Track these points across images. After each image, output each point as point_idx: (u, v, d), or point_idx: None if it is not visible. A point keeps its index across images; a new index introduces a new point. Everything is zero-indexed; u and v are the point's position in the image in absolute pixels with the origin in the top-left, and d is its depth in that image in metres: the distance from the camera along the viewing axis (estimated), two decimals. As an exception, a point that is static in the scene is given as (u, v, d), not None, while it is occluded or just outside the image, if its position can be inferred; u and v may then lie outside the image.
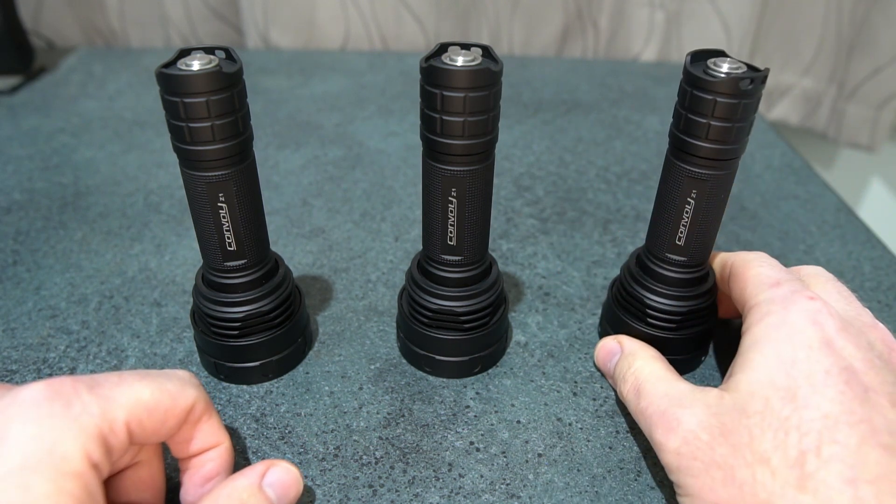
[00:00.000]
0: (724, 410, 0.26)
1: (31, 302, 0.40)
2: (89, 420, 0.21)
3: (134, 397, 0.23)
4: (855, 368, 0.25)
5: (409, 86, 0.73)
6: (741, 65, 0.28)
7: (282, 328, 0.34)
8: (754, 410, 0.25)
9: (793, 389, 0.24)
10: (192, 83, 0.26)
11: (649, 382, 0.30)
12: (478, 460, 0.31)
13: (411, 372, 0.36)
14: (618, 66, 0.81)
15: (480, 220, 0.31)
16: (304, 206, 0.51)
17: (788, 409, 0.24)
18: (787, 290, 0.28)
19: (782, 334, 0.26)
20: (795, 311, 0.27)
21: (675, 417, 0.27)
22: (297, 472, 0.26)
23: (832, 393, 0.24)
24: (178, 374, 0.25)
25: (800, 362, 0.25)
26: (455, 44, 0.28)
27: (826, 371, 0.24)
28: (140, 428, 0.23)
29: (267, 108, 0.67)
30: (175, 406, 0.24)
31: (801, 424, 0.23)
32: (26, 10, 0.80)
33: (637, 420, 0.29)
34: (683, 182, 0.30)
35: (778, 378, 0.25)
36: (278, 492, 0.25)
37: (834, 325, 0.26)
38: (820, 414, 0.23)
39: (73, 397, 0.21)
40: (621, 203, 0.52)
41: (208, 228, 0.30)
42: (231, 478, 0.25)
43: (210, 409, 0.26)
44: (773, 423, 0.24)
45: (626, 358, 0.32)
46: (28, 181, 0.53)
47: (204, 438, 0.26)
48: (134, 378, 0.23)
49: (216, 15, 0.83)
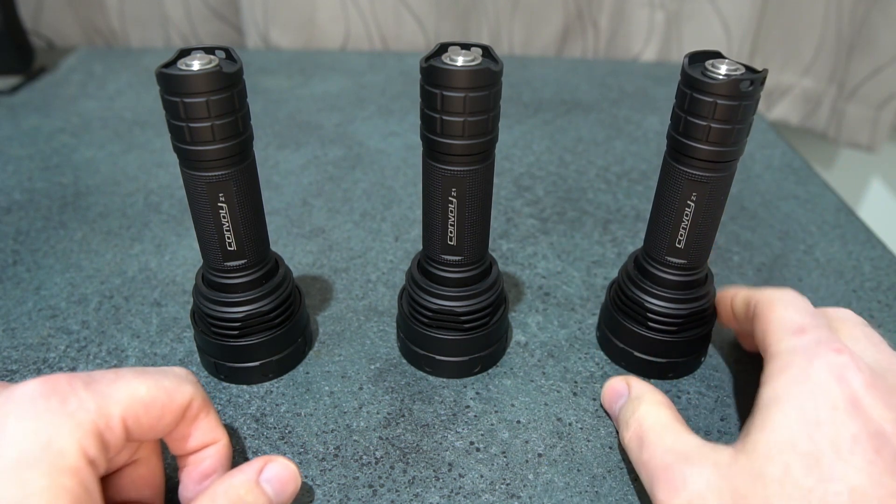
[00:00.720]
0: (738, 473, 0.23)
1: (31, 302, 0.40)
2: (85, 416, 0.21)
3: (130, 393, 0.23)
4: (885, 433, 0.22)
5: (409, 86, 0.73)
6: (739, 66, 0.28)
7: (282, 328, 0.34)
8: (773, 478, 0.22)
9: (816, 456, 0.22)
10: (192, 83, 0.26)
11: (654, 431, 0.27)
12: (478, 460, 0.31)
13: (411, 372, 0.36)
14: (618, 66, 0.81)
15: (480, 220, 0.31)
16: (304, 206, 0.51)
17: (812, 480, 0.22)
18: (811, 339, 0.26)
19: (805, 391, 0.24)
20: (819, 366, 0.24)
21: (681, 476, 0.24)
22: (295, 468, 0.26)
23: (861, 462, 0.22)
24: (174, 371, 0.25)
25: (824, 425, 0.23)
26: (455, 44, 0.28)
27: (853, 437, 0.22)
28: (136, 424, 0.23)
29: (267, 108, 0.67)
30: (172, 402, 0.24)
31: (826, 497, 0.21)
32: (26, 10, 0.80)
33: (638, 472, 0.27)
34: (683, 185, 0.30)
35: (800, 442, 0.23)
36: (276, 487, 0.25)
37: (862, 381, 0.24)
38: (847, 487, 0.21)
39: (69, 393, 0.21)
40: (621, 203, 0.52)
41: (208, 228, 0.30)
42: (228, 474, 0.25)
43: (207, 405, 0.26)
44: (793, 494, 0.22)
45: (631, 402, 0.30)
46: (28, 181, 0.53)
47: (201, 435, 0.26)
48: (131, 374, 0.23)
49: (216, 15, 0.83)
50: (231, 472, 0.25)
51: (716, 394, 0.35)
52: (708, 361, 0.37)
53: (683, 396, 0.35)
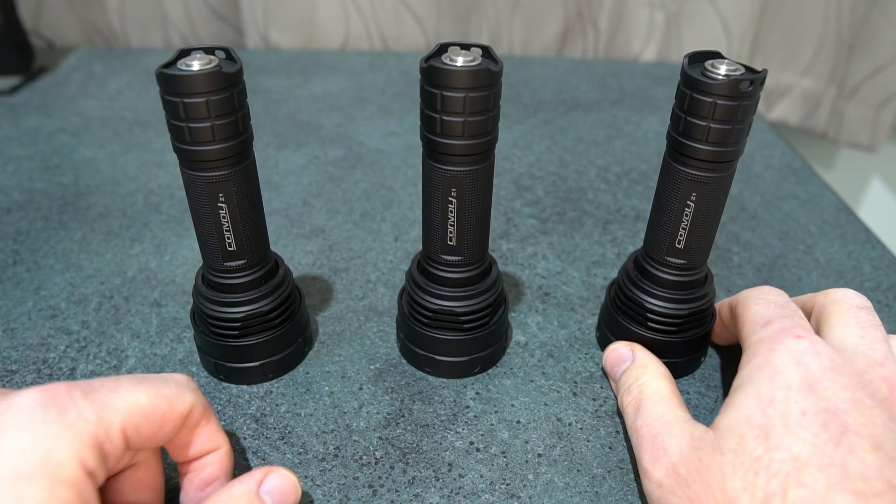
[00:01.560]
0: (703, 445, 0.25)
1: (31, 302, 0.40)
2: (84, 427, 0.21)
3: (130, 403, 0.22)
4: (837, 409, 0.24)
5: (409, 86, 0.73)
6: (739, 66, 0.28)
7: (282, 328, 0.34)
8: (728, 448, 0.24)
9: (766, 428, 0.24)
10: (192, 83, 0.26)
11: (651, 400, 0.29)
12: (478, 460, 0.31)
13: (411, 372, 0.36)
14: (618, 66, 0.81)
15: (480, 221, 0.31)
16: (304, 206, 0.51)
17: (760, 449, 0.23)
18: (775, 329, 0.28)
19: (764, 375, 0.26)
20: (779, 352, 0.26)
21: (663, 445, 0.26)
22: (296, 479, 0.26)
23: (805, 434, 0.23)
24: (175, 379, 0.25)
25: (777, 402, 0.24)
26: (455, 44, 0.28)
27: (802, 412, 0.24)
28: (136, 433, 0.23)
29: (267, 108, 0.67)
30: (172, 411, 0.24)
31: (771, 465, 0.23)
32: (26, 10, 0.80)
33: (630, 437, 0.29)
34: (683, 185, 0.30)
35: (754, 416, 0.25)
36: (276, 498, 0.25)
37: (819, 364, 0.25)
38: (790, 455, 0.23)
39: (69, 403, 0.21)
40: (621, 203, 0.52)
41: (208, 228, 0.30)
42: (228, 485, 0.25)
43: (208, 413, 0.26)
44: (744, 462, 0.23)
45: (635, 368, 0.32)
46: (28, 181, 0.53)
47: (203, 443, 0.26)
48: (131, 383, 0.23)
49: (216, 15, 0.83)
50: (231, 482, 0.25)
51: (716, 394, 0.35)
52: (708, 361, 0.37)
53: (683, 396, 0.35)
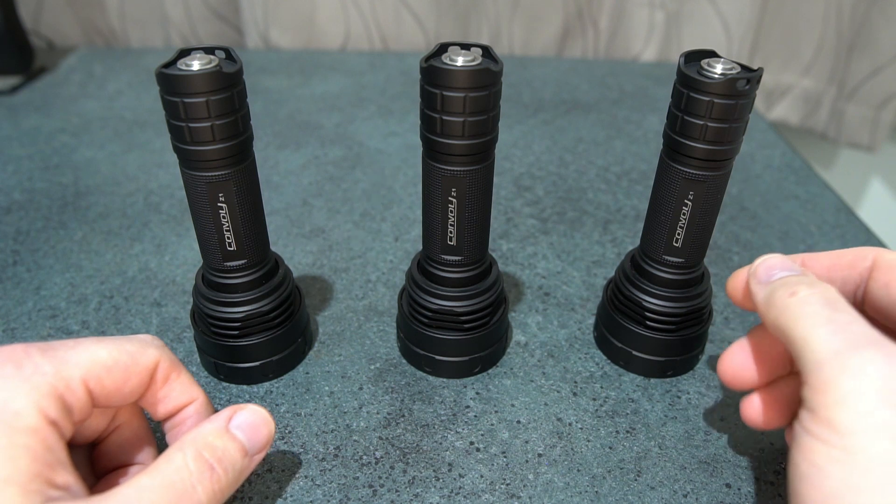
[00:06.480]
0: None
1: (31, 302, 0.40)
2: (42, 379, 0.22)
3: (90, 357, 0.23)
4: None
5: (409, 86, 0.73)
6: (734, 65, 0.28)
7: (282, 328, 0.34)
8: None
9: None
10: (192, 83, 0.26)
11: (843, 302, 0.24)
12: (478, 460, 0.31)
13: (411, 372, 0.36)
14: (618, 66, 0.81)
15: (480, 220, 0.31)
16: (304, 206, 0.51)
17: None
18: None
19: None
20: None
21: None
22: (265, 413, 0.26)
23: None
24: (139, 337, 0.26)
25: None
26: (455, 44, 0.28)
27: None
28: (100, 386, 0.23)
29: (267, 108, 0.67)
30: (136, 364, 0.24)
31: None
32: (26, 10, 0.80)
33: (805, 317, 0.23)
34: (680, 184, 0.30)
35: None
36: (248, 434, 0.25)
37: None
38: None
39: (25, 359, 0.22)
40: (621, 203, 0.52)
41: (208, 228, 0.30)
42: (199, 426, 0.25)
43: (177, 366, 0.26)
44: None
45: (809, 275, 0.27)
46: (28, 181, 0.53)
47: (176, 396, 0.26)
48: (91, 341, 0.24)
49: (216, 15, 0.83)
50: (202, 423, 0.25)
51: (716, 394, 0.35)
52: (708, 361, 0.37)
53: (683, 396, 0.35)
